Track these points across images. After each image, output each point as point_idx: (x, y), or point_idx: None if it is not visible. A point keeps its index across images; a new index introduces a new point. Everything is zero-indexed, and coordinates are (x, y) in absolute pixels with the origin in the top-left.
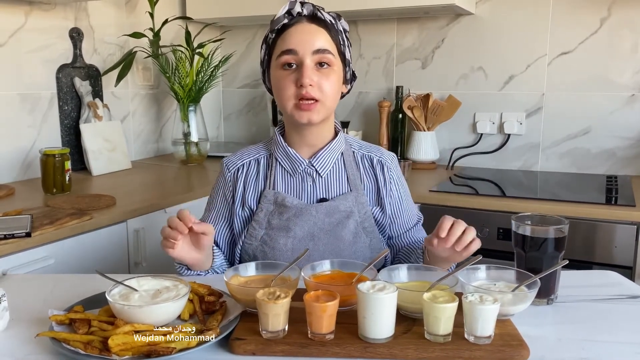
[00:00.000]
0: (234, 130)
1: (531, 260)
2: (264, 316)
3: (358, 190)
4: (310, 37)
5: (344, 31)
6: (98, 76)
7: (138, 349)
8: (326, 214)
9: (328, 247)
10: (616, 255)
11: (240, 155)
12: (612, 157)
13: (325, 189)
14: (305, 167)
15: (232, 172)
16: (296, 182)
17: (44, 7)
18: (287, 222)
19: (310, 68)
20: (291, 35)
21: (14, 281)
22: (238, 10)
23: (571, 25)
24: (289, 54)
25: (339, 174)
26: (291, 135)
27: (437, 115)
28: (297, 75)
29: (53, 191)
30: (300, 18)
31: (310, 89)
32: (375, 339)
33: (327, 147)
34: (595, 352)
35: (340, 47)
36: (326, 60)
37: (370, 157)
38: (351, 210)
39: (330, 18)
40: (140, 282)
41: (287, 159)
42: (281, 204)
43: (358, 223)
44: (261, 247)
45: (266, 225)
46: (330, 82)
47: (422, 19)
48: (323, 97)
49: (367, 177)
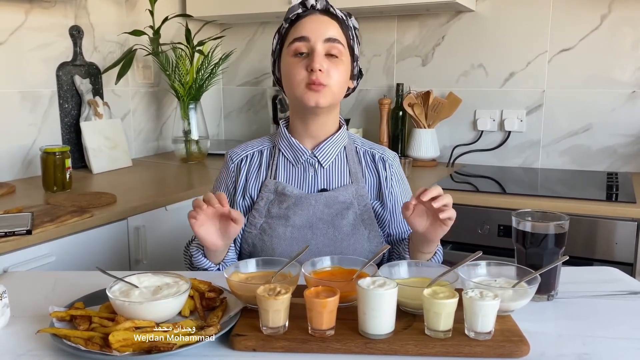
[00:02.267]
0: (235, 128)
1: (531, 257)
2: (265, 312)
3: (359, 182)
4: (322, 26)
5: (354, 28)
6: (98, 74)
7: (139, 345)
8: (325, 204)
9: (326, 237)
10: (617, 251)
11: (244, 147)
12: (613, 154)
13: (327, 180)
14: (308, 158)
15: (236, 163)
16: (298, 172)
17: (44, 5)
18: (287, 210)
19: (321, 55)
20: (304, 24)
21: (15, 278)
22: (238, 8)
23: (572, 22)
24: (301, 40)
25: (341, 166)
26: (296, 125)
27: (437, 113)
28: (308, 62)
29: (54, 189)
30: (313, 10)
31: (320, 74)
32: (376, 335)
33: (330, 138)
34: (596, 347)
35: (350, 41)
36: (336, 51)
37: (373, 153)
38: (351, 202)
39: (342, 14)
40: (140, 279)
41: (290, 149)
42: (281, 193)
43: (357, 215)
44: (260, 235)
45: (266, 213)
46: (338, 71)
47: (422, 16)
48: (331, 83)
49: (369, 171)
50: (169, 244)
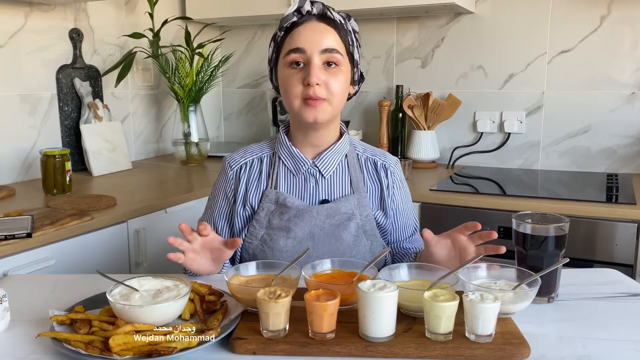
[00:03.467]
0: (234, 130)
1: (532, 259)
2: (265, 315)
3: (360, 192)
4: (319, 35)
5: (353, 31)
6: (98, 77)
7: (139, 349)
8: (327, 215)
9: (328, 249)
10: (617, 253)
11: (243, 154)
12: (613, 155)
13: (328, 191)
14: (309, 168)
15: (235, 171)
16: (299, 182)
17: (43, 7)
18: (288, 222)
19: (318, 67)
20: (300, 33)
21: (15, 282)
22: (238, 10)
23: (571, 24)
24: (297, 52)
25: (342, 176)
26: (296, 135)
27: (437, 114)
28: (305, 74)
29: (54, 192)
30: (309, 17)
31: (318, 88)
32: (376, 338)
33: (331, 148)
34: (596, 349)
35: (349, 47)
36: (334, 60)
37: (375, 160)
38: (352, 213)
39: (340, 18)
40: (140, 282)
41: (291, 159)
42: (282, 204)
43: (359, 226)
44: (261, 246)
45: (267, 224)
46: (337, 81)
47: (422, 18)
48: (330, 96)
49: (371, 180)
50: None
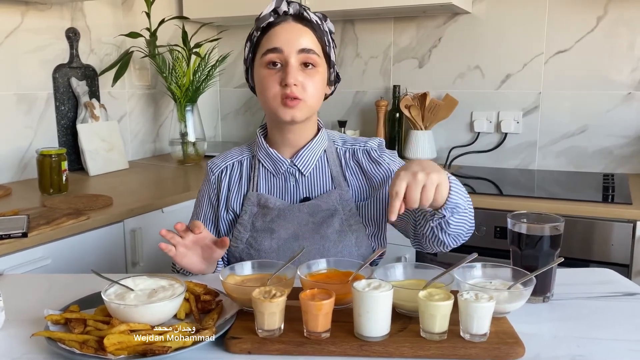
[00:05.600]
0: (232, 129)
1: (527, 258)
2: (260, 315)
3: (342, 187)
4: (295, 36)
5: (329, 32)
6: (95, 76)
7: (134, 349)
8: (309, 213)
9: (314, 247)
10: (613, 253)
11: (224, 158)
12: (609, 155)
13: (309, 188)
14: (288, 167)
15: (216, 175)
16: (279, 182)
17: (40, 7)
18: (271, 223)
19: (295, 68)
20: (277, 33)
21: (10, 281)
22: (234, 10)
23: (567, 24)
24: (274, 52)
25: (323, 172)
26: (273, 135)
27: (434, 114)
28: (282, 75)
29: (50, 191)
30: (286, 17)
31: (295, 88)
32: (371, 337)
33: (308, 145)
34: (591, 349)
35: (325, 48)
36: (311, 60)
37: (354, 150)
38: (335, 208)
39: (317, 18)
40: (136, 282)
41: (269, 160)
42: (264, 206)
43: (343, 220)
44: (247, 249)
45: (250, 227)
46: (314, 82)
47: (419, 18)
48: (307, 97)
49: (350, 172)
50: None
